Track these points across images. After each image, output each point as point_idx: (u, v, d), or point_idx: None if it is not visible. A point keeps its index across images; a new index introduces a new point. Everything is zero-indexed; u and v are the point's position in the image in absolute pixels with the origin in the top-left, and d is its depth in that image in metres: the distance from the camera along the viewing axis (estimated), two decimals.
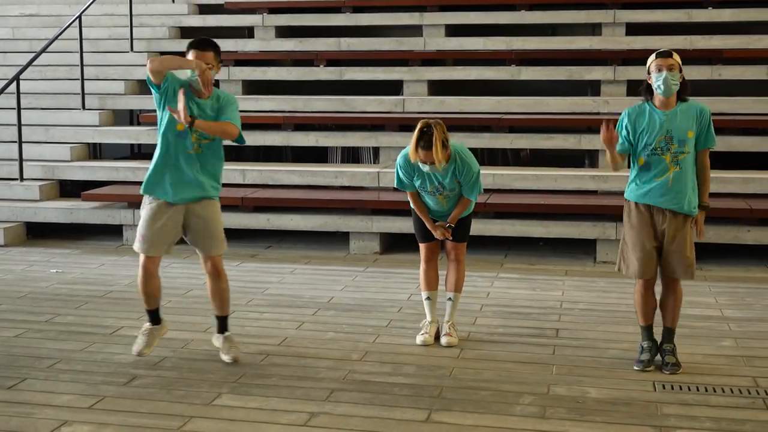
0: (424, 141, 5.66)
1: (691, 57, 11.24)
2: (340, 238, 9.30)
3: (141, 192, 5.64)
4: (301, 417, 4.79)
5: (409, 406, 4.95)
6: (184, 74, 5.39)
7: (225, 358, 5.64)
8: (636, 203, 5.46)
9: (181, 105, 5.26)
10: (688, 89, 5.43)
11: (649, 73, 5.41)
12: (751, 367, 5.60)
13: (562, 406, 4.95)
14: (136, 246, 5.61)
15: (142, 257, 5.62)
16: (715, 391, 5.19)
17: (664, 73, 5.30)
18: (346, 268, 8.32)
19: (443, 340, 6.00)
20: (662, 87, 5.32)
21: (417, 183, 5.94)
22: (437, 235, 5.99)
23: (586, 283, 7.78)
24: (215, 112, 5.49)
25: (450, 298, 6.12)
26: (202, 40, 5.55)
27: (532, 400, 5.05)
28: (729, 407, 4.96)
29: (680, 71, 5.36)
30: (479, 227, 8.82)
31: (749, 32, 11.59)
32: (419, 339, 6.05)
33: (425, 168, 5.77)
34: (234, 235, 9.53)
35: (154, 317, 5.77)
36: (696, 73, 10.92)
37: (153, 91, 5.49)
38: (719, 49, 11.23)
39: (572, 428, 4.67)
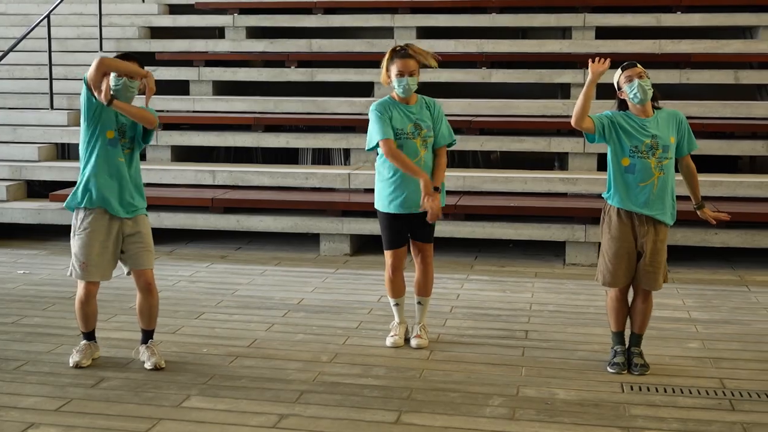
0: (401, 51, 5.72)
1: (659, 61, 11.38)
2: (311, 240, 9.29)
3: (71, 206, 5.48)
4: (271, 419, 4.78)
5: (379, 408, 4.95)
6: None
7: (147, 365, 5.50)
8: (618, 210, 5.43)
9: (104, 85, 5.23)
10: (658, 96, 5.47)
11: (619, 89, 5.42)
12: (717, 369, 5.65)
13: (531, 408, 4.97)
14: (77, 274, 5.49)
15: (82, 283, 5.54)
16: (682, 392, 5.23)
17: (636, 81, 5.35)
18: (317, 270, 8.31)
19: (413, 342, 5.99)
20: (639, 95, 5.35)
21: (394, 125, 5.73)
22: (426, 203, 5.64)
23: (555, 285, 7.82)
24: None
25: (419, 302, 6.09)
26: (125, 54, 5.47)
27: (501, 401, 5.07)
28: (696, 408, 5.00)
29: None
30: (449, 229, 8.86)
31: (717, 37, 11.71)
32: (389, 341, 6.04)
33: (400, 88, 5.69)
34: (204, 236, 9.53)
35: (90, 336, 5.71)
36: (664, 76, 11.02)
37: (86, 93, 5.33)
38: (687, 54, 11.34)
39: (541, 429, 4.69)
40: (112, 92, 5.31)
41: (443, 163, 5.95)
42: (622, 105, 5.46)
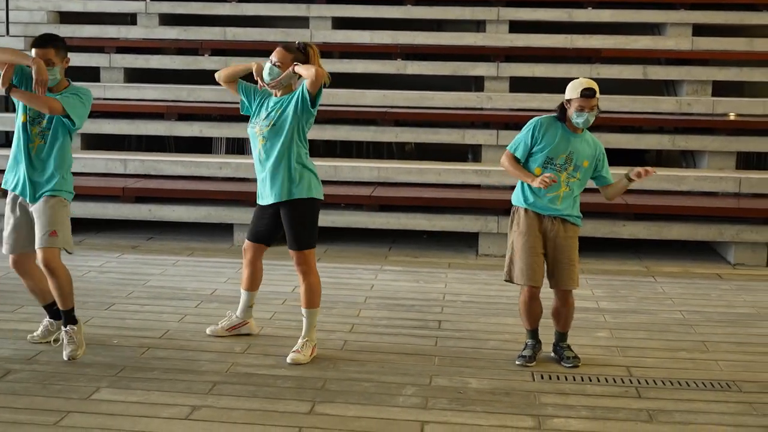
0: (285, 43, 5.63)
1: (570, 56, 11.57)
2: (224, 230, 9.20)
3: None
4: (183, 410, 4.73)
5: (292, 399, 4.94)
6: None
7: (63, 354, 5.44)
8: (526, 209, 5.53)
9: (2, 70, 5.16)
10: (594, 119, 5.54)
11: (568, 101, 5.46)
12: (625, 357, 5.79)
13: (443, 397, 5.02)
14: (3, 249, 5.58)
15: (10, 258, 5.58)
16: (590, 380, 5.34)
17: (586, 114, 5.41)
18: (230, 260, 8.24)
19: (289, 357, 5.53)
20: (581, 124, 5.46)
21: (252, 109, 5.65)
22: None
23: (468, 276, 7.90)
24: None
25: (304, 315, 5.67)
26: (41, 36, 5.38)
27: (414, 390, 5.10)
28: (604, 396, 5.11)
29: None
30: (364, 220, 8.88)
31: (626, 33, 11.96)
32: (208, 329, 5.99)
33: (266, 71, 5.54)
34: (114, 226, 9.36)
35: (53, 313, 5.68)
36: (575, 71, 11.17)
37: None
38: (598, 49, 11.55)
39: (453, 418, 4.74)
40: (14, 80, 5.23)
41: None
42: (562, 113, 5.52)
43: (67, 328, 5.51)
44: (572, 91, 5.42)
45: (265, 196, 5.61)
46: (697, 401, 5.06)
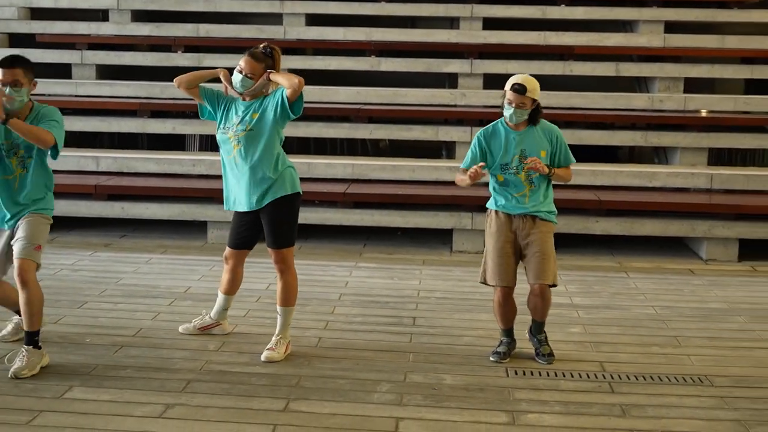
0: (250, 50, 5.57)
1: (544, 52, 11.63)
2: (198, 228, 9.16)
3: None
4: (156, 409, 4.71)
5: (267, 396, 4.93)
6: None
7: (9, 370, 5.12)
8: (496, 211, 5.58)
9: None
10: (539, 115, 5.54)
11: (504, 92, 5.50)
12: (598, 353, 5.82)
13: (418, 393, 5.03)
14: None
15: None
16: (564, 375, 5.37)
17: (512, 109, 5.43)
18: (204, 258, 8.21)
19: (264, 354, 5.51)
20: (508, 119, 5.49)
21: (218, 115, 5.62)
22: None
23: (442, 272, 7.92)
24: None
25: (279, 313, 5.67)
26: (7, 57, 5.18)
27: (389, 387, 5.11)
28: (577, 391, 5.14)
29: (534, 101, 5.45)
30: (338, 217, 8.88)
31: (599, 30, 12.03)
32: (180, 328, 5.96)
33: (238, 82, 5.47)
34: (87, 224, 9.30)
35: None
36: (549, 68, 11.26)
37: None
38: (571, 46, 11.61)
39: (428, 414, 4.75)
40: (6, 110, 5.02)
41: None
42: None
43: (26, 347, 5.18)
44: (507, 84, 5.47)
45: (243, 203, 5.56)
46: (670, 396, 5.10)
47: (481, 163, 5.42)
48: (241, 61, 5.54)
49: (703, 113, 10.74)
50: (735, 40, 11.78)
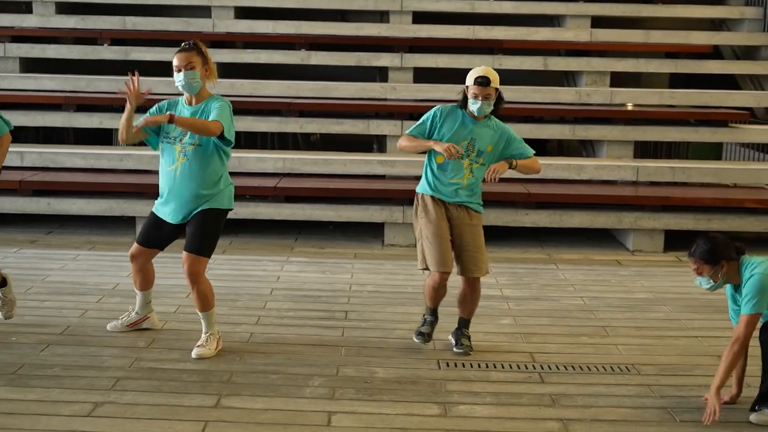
0: (184, 45, 5.49)
1: (473, 46, 11.70)
2: (126, 223, 9.04)
3: None
4: (85, 407, 4.64)
5: (198, 392, 4.89)
6: None
7: None
8: (432, 196, 5.56)
9: None
10: (502, 104, 5.58)
11: (467, 88, 5.51)
12: (528, 344, 5.89)
13: (350, 387, 5.04)
14: None
15: None
16: (495, 367, 5.43)
17: (480, 102, 5.45)
18: None
19: (194, 351, 5.47)
20: (476, 112, 5.49)
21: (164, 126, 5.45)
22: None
23: (374, 266, 7.93)
24: None
25: (201, 317, 5.59)
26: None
27: (321, 381, 5.11)
28: (508, 382, 5.20)
29: (496, 91, 5.48)
30: (269, 211, 8.83)
31: (528, 24, 12.14)
32: (108, 325, 5.86)
33: (182, 80, 5.38)
34: (11, 220, 9.11)
35: None
36: (478, 62, 11.19)
37: None
38: (500, 40, 11.70)
39: (360, 408, 4.76)
40: None
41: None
42: (464, 100, 5.55)
43: None
44: (469, 78, 5.49)
45: (173, 214, 5.48)
46: (598, 385, 5.19)
47: (461, 150, 5.41)
48: (174, 61, 5.45)
49: (629, 107, 10.92)
50: (660, 34, 12.00)
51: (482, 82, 5.43)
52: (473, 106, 5.47)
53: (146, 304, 5.91)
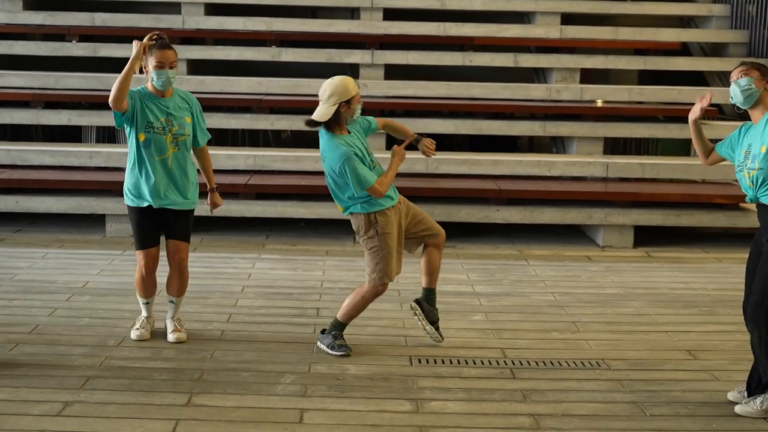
0: (161, 41, 5.46)
1: (443, 43, 11.71)
2: (96, 221, 8.98)
3: None
4: (55, 407, 4.61)
5: (169, 391, 4.87)
6: None
7: None
8: (391, 208, 5.49)
9: None
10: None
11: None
12: (499, 339, 5.92)
13: (322, 384, 5.04)
14: None
15: None
16: (467, 363, 5.44)
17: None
18: (102, 252, 8.04)
19: (171, 336, 5.63)
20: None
21: (148, 118, 5.44)
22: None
23: (346, 263, 7.92)
24: None
25: (172, 301, 5.78)
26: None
27: (293, 379, 5.10)
28: (480, 378, 5.21)
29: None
30: (240, 208, 8.80)
31: (498, 21, 12.18)
32: (134, 334, 5.73)
33: (159, 81, 5.40)
34: None
35: None
36: (448, 59, 11.36)
37: None
38: (470, 37, 11.72)
39: (333, 405, 4.76)
40: None
41: (210, 160, 5.98)
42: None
43: None
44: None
45: (161, 196, 5.54)
46: (569, 380, 5.21)
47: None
48: (158, 57, 5.42)
49: (599, 103, 10.98)
50: (628, 31, 12.08)
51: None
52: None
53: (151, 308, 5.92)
